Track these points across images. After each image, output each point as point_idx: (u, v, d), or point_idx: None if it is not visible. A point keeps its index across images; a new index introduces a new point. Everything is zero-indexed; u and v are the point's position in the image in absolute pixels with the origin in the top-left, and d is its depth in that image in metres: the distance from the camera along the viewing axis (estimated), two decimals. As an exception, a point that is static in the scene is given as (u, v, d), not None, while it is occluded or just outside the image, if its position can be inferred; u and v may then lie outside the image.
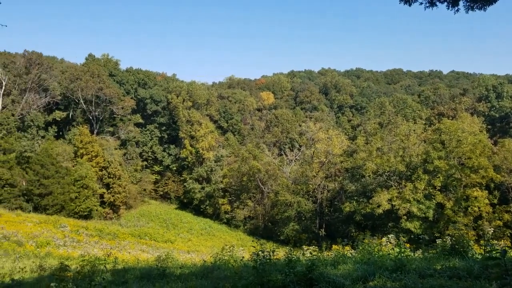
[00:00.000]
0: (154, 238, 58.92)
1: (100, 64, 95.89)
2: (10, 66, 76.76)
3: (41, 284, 12.19)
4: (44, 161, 64.56)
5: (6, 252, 29.87)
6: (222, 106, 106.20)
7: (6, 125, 66.23)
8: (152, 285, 11.86)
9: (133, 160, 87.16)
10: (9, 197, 61.17)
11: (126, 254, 32.52)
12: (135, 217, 74.93)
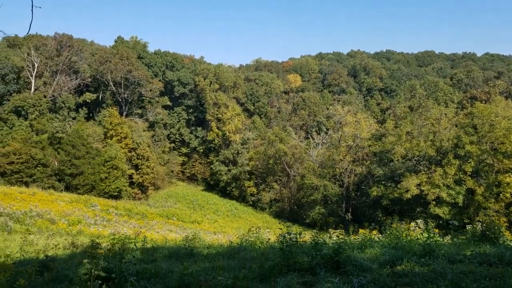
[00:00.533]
0: (181, 218, 59.79)
1: (129, 46, 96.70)
2: (41, 49, 78.17)
3: (74, 260, 12.44)
4: (75, 142, 66.02)
5: (40, 230, 30.80)
6: (249, 88, 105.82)
7: (38, 106, 67.79)
8: (181, 264, 11.93)
9: (161, 142, 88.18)
10: (42, 177, 62.99)
11: (154, 234, 33.06)
12: (162, 197, 76.15)
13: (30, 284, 8.21)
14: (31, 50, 75.66)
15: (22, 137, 63.81)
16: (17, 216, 33.71)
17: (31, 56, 75.10)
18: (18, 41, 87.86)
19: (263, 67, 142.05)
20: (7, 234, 28.47)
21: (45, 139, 65.80)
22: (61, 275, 9.65)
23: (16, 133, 64.51)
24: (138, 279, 8.76)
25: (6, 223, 30.33)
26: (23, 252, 13.16)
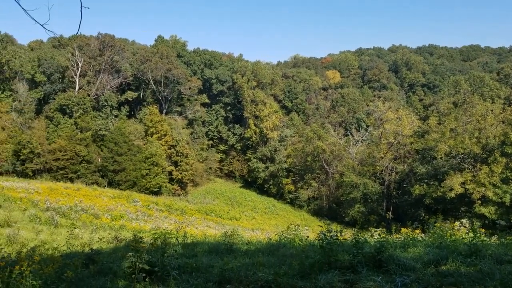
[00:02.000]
0: (220, 215, 60.26)
1: (168, 45, 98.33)
2: (85, 49, 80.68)
3: (117, 254, 12.68)
4: (118, 139, 67.82)
5: (85, 224, 31.76)
6: (286, 85, 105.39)
7: (82, 105, 70.00)
8: (221, 259, 11.98)
9: (200, 139, 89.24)
10: (86, 173, 65.10)
11: (193, 229, 33.46)
12: (201, 194, 77.06)
13: (76, 276, 8.39)
14: (75, 50, 78.25)
15: (67, 135, 66.10)
16: (63, 211, 34.89)
17: (75, 56, 77.68)
18: (63, 42, 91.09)
19: (301, 63, 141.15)
20: (53, 228, 29.52)
21: (89, 137, 67.92)
22: (106, 268, 9.84)
23: (62, 131, 66.88)
24: (180, 273, 8.88)
25: (53, 217, 31.44)
26: (69, 245, 13.56)
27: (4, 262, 7.85)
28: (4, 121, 67.48)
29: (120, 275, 8.83)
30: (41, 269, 8.08)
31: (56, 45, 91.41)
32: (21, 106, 70.56)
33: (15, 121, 67.51)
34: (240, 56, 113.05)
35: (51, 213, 32.95)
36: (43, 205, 35.59)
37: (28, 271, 7.40)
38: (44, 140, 64.88)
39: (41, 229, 28.27)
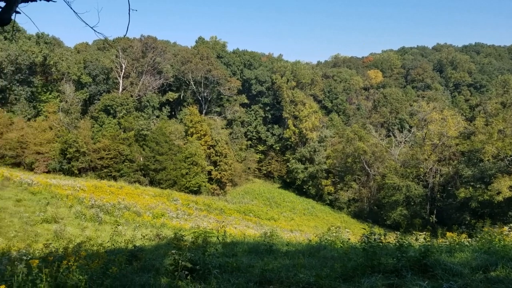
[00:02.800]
0: (258, 215, 60.30)
1: (208, 46, 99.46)
2: (128, 50, 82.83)
3: (160, 251, 12.88)
4: (159, 139, 69.22)
5: (127, 221, 32.52)
6: (326, 85, 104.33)
7: (126, 105, 71.86)
8: (260, 259, 11.93)
9: (238, 139, 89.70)
10: (129, 171, 66.82)
11: (232, 229, 33.59)
12: (240, 194, 77.42)
13: (120, 272, 8.53)
14: (119, 52, 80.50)
15: (111, 134, 68.04)
16: (107, 208, 35.87)
17: (119, 58, 79.91)
18: (110, 43, 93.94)
19: (342, 63, 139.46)
20: (98, 224, 30.38)
21: (131, 136, 69.65)
22: (149, 265, 9.97)
23: (106, 131, 68.90)
24: (221, 272, 8.91)
25: (97, 215, 32.38)
26: (113, 241, 13.86)
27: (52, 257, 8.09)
28: (52, 121, 70.28)
29: (162, 272, 8.93)
30: (87, 264, 8.27)
31: (101, 47, 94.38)
32: (67, 106, 73.22)
33: (62, 121, 70.14)
34: (280, 56, 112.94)
35: (95, 210, 33.95)
36: (88, 203, 36.71)
37: (75, 266, 7.57)
38: (89, 139, 67.06)
39: (86, 226, 29.18)
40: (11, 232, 25.20)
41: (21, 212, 30.13)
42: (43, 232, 26.32)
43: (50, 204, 33.74)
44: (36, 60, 76.21)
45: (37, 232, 26.11)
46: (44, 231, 26.42)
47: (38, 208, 31.84)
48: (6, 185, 37.83)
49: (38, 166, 64.73)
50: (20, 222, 27.92)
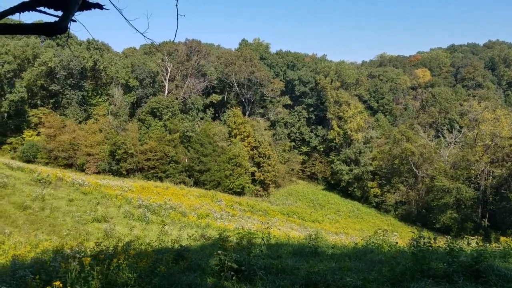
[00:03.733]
0: (302, 217, 59.95)
1: (252, 48, 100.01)
2: (174, 54, 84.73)
3: (205, 251, 12.99)
4: (203, 141, 70.23)
5: (173, 221, 33.15)
6: (372, 85, 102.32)
7: (171, 108, 73.44)
8: (306, 261, 11.81)
9: (282, 140, 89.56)
10: (174, 172, 68.19)
11: (276, 231, 33.49)
12: (283, 195, 77.17)
13: (168, 271, 8.65)
14: (165, 56, 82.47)
15: (157, 136, 69.70)
16: (154, 208, 36.74)
17: (165, 62, 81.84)
18: (157, 48, 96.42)
19: (388, 62, 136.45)
20: (145, 224, 31.14)
21: (177, 138, 71.06)
22: (195, 265, 10.06)
23: (152, 133, 70.65)
24: (266, 273, 8.91)
25: (145, 214, 33.21)
26: (160, 241, 14.12)
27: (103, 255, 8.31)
28: (102, 124, 72.93)
29: (208, 272, 8.98)
30: (136, 263, 8.43)
31: (147, 51, 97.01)
32: (116, 109, 75.71)
33: (111, 123, 72.59)
34: (324, 56, 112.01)
35: (143, 210, 34.84)
36: (135, 203, 37.73)
37: (125, 265, 7.74)
38: (136, 141, 68.99)
39: (134, 225, 29.97)
40: (64, 231, 26.27)
41: (73, 211, 31.34)
42: (94, 231, 27.27)
43: (100, 204, 34.94)
44: (86, 65, 79.43)
45: (88, 230, 27.07)
46: (95, 230, 27.37)
47: (89, 207, 33.04)
48: (59, 185, 39.51)
49: (88, 167, 67.31)
50: (72, 221, 29.06)
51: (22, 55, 76.55)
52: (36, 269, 9.05)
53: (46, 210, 30.69)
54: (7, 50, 74.87)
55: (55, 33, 3.60)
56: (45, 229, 26.88)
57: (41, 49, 78.93)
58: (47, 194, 34.30)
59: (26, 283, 7.72)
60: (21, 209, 30.00)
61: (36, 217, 29.06)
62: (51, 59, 74.61)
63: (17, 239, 22.84)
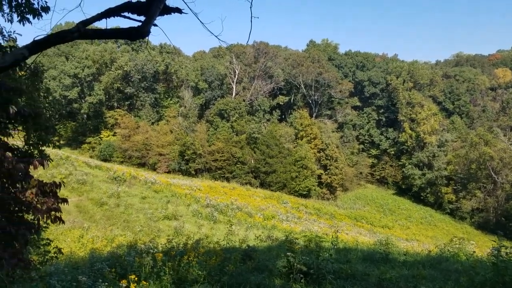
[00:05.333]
0: (371, 222, 58.38)
1: (320, 49, 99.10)
2: (241, 57, 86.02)
3: (272, 252, 12.89)
4: (269, 142, 70.53)
5: (239, 221, 33.52)
6: (447, 86, 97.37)
7: (238, 109, 74.55)
8: (376, 268, 11.42)
9: (350, 143, 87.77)
10: (240, 173, 69.11)
11: (344, 235, 32.73)
12: (351, 199, 75.56)
13: (236, 270, 8.63)
14: (232, 59, 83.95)
15: (225, 137, 71.04)
16: (221, 208, 37.41)
17: (233, 64, 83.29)
18: (222, 51, 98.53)
19: (465, 61, 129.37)
20: (213, 223, 31.77)
21: (243, 139, 72.00)
22: (262, 265, 9.97)
23: (220, 134, 72.12)
24: (335, 277, 8.68)
25: (212, 214, 33.90)
26: (228, 240, 14.22)
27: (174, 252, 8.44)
28: (172, 125, 75.71)
29: (276, 274, 8.88)
30: (205, 260, 8.48)
31: (216, 54, 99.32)
32: (186, 111, 78.22)
33: (181, 124, 75.12)
34: (395, 56, 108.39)
35: (210, 210, 35.59)
36: (203, 202, 38.64)
37: (195, 262, 7.81)
38: (205, 142, 70.78)
39: (202, 224, 30.67)
40: (137, 227, 27.45)
41: (145, 208, 32.70)
42: (165, 228, 28.24)
43: (170, 202, 36.20)
44: (159, 69, 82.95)
45: (159, 227, 28.08)
46: (165, 227, 28.34)
47: (160, 205, 34.33)
48: (133, 183, 41.45)
49: (160, 166, 70.08)
50: (144, 217, 30.30)
51: (101, 60, 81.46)
52: (112, 263, 9.41)
53: (121, 207, 32.28)
54: (87, 55, 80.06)
55: (138, 37, 3.74)
56: (120, 224, 28.24)
57: (117, 54, 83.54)
58: (122, 192, 36.11)
59: (104, 275, 8.01)
60: (98, 205, 31.79)
61: (112, 213, 30.63)
62: (126, 63, 78.72)
63: (94, 234, 24.19)
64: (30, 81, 7.54)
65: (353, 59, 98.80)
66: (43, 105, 7.98)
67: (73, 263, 12.27)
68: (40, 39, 3.32)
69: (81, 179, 37.08)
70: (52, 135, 7.55)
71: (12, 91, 5.98)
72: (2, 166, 4.97)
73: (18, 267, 5.86)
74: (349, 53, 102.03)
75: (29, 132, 7.06)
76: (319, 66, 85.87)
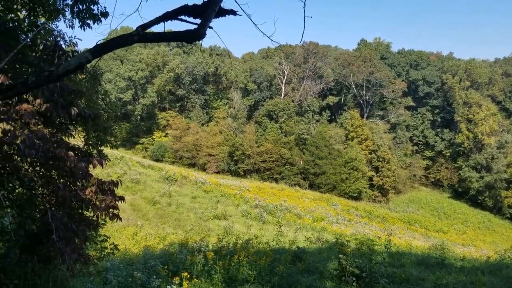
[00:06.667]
0: (425, 226, 56.57)
1: (371, 48, 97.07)
2: (291, 57, 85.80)
3: (322, 255, 12.76)
4: (319, 143, 69.91)
5: (288, 223, 33.48)
6: (507, 85, 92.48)
7: (287, 110, 74.40)
8: (432, 273, 11.07)
9: (403, 144, 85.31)
10: (289, 174, 68.96)
11: (396, 239, 31.85)
12: (404, 202, 73.44)
13: (286, 271, 8.60)
14: (281, 60, 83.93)
15: (273, 138, 71.14)
16: (270, 209, 37.49)
17: (282, 65, 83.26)
18: (270, 52, 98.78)
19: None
20: (262, 224, 31.88)
21: (292, 140, 71.81)
22: (312, 267, 9.88)
23: (268, 135, 72.30)
24: (389, 281, 8.45)
25: (261, 215, 34.03)
26: (277, 241, 14.21)
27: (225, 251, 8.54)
28: (222, 126, 76.79)
29: (326, 276, 8.77)
30: (255, 260, 8.50)
31: (264, 55, 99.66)
32: (235, 112, 79.10)
33: (230, 126, 76.03)
34: (450, 54, 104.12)
35: (259, 210, 35.74)
36: (252, 202, 38.87)
37: (245, 261, 7.85)
38: (253, 143, 71.22)
39: (251, 224, 30.87)
40: (188, 226, 28.04)
41: (196, 208, 33.37)
42: (214, 227, 28.68)
43: (220, 202, 36.71)
44: (209, 71, 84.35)
45: (210, 227, 28.54)
46: (215, 227, 28.77)
47: (210, 205, 34.90)
48: (183, 183, 42.40)
49: (209, 166, 71.26)
50: (195, 217, 30.93)
51: (153, 63, 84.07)
52: (164, 260, 9.66)
53: (173, 206, 33.12)
54: (140, 59, 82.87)
55: (194, 39, 3.79)
56: (171, 223, 28.98)
57: (169, 57, 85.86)
58: (173, 191, 37.03)
59: (157, 272, 8.23)
60: (151, 203, 32.78)
61: (164, 212, 31.50)
62: (178, 66, 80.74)
63: (147, 231, 24.94)
64: (89, 84, 7.87)
65: (406, 57, 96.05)
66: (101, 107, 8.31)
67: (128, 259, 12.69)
68: (103, 43, 3.46)
69: (135, 178, 38.34)
70: (109, 136, 7.86)
71: (74, 93, 6.27)
72: (65, 165, 5.21)
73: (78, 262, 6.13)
74: (402, 51, 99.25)
75: (89, 133, 7.37)
76: (370, 65, 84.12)
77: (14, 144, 4.96)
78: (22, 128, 5.14)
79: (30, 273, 6.10)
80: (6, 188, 5.83)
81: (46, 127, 6.19)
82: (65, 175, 5.63)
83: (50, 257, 6.57)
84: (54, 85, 5.60)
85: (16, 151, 5.24)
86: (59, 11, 7.19)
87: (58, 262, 6.41)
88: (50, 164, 5.47)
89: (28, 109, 5.21)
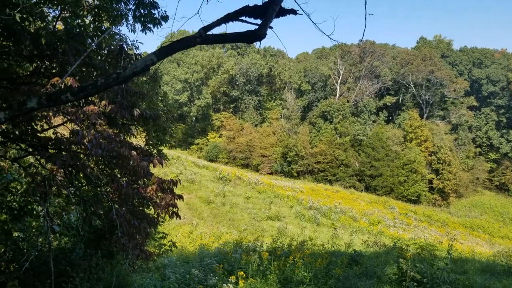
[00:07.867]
0: (489, 232, 53.65)
1: (431, 46, 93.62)
2: (346, 57, 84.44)
3: (380, 259, 12.45)
4: (375, 145, 68.28)
5: (343, 225, 32.95)
6: None
7: (342, 111, 73.25)
8: (498, 281, 10.50)
9: (465, 146, 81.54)
10: (344, 176, 67.80)
11: (458, 245, 30.45)
12: (466, 206, 70.09)
13: (342, 274, 8.45)
14: (337, 59, 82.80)
15: (328, 139, 70.28)
16: (324, 211, 37.06)
17: (337, 65, 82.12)
18: (325, 52, 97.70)
19: None
20: (316, 226, 31.62)
21: (347, 141, 70.61)
22: (370, 271, 9.64)
23: (323, 136, 71.54)
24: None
25: (315, 216, 33.74)
26: (333, 244, 14.01)
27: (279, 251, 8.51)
28: (275, 127, 76.87)
29: (385, 281, 8.53)
30: (310, 262, 8.42)
31: (319, 55, 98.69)
32: (289, 113, 78.98)
33: (284, 126, 75.99)
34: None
35: (313, 212, 35.45)
36: (306, 204, 38.61)
37: (300, 263, 7.78)
38: (307, 144, 70.73)
39: (305, 226, 30.69)
40: (242, 225, 28.32)
41: (249, 208, 33.63)
42: (268, 228, 28.77)
43: (273, 203, 36.79)
44: (262, 72, 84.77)
45: (263, 227, 28.66)
46: (269, 227, 28.86)
47: (263, 206, 35.06)
48: (237, 184, 42.90)
49: (262, 167, 71.54)
50: (249, 217, 31.18)
51: (208, 65, 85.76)
52: (220, 259, 9.79)
53: (227, 206, 33.59)
54: (196, 61, 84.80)
55: (255, 40, 3.83)
56: (226, 222, 29.39)
57: (224, 58, 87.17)
58: (227, 191, 37.54)
59: (213, 270, 8.35)
60: (206, 203, 33.43)
61: (218, 211, 32.00)
62: (232, 68, 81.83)
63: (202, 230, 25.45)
64: (150, 86, 8.13)
65: (469, 55, 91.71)
66: (160, 108, 8.57)
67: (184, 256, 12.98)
68: (166, 45, 3.55)
69: (190, 178, 39.24)
70: (168, 136, 8.08)
71: (136, 95, 6.51)
72: (128, 164, 5.42)
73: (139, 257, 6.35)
74: (465, 49, 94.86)
75: (150, 133, 7.62)
76: (430, 64, 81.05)
77: (82, 144, 5.21)
78: (88, 129, 5.39)
79: (95, 267, 6.40)
80: (74, 186, 6.14)
81: (111, 127, 6.46)
82: (128, 174, 5.85)
83: (113, 252, 6.86)
84: (119, 87, 5.83)
85: (84, 150, 5.50)
86: (122, 16, 7.47)
87: (120, 257, 6.68)
88: (114, 163, 5.71)
89: (95, 110, 5.46)
